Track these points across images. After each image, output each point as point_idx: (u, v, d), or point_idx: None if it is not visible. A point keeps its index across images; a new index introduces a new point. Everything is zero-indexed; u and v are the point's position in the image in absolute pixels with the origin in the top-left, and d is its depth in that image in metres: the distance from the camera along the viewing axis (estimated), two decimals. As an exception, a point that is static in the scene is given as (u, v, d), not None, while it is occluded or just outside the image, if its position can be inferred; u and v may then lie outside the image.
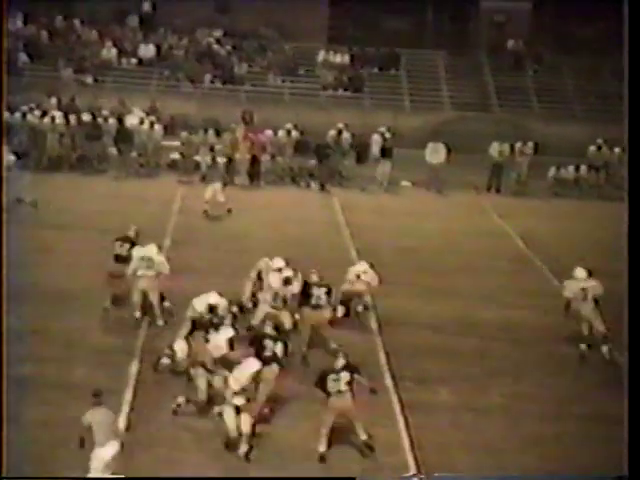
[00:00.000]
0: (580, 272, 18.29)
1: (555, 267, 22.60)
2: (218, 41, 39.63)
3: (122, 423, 13.82)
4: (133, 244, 18.65)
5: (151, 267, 17.97)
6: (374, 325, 18.62)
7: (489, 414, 15.28)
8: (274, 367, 14.89)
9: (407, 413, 15.04)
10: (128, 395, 14.97)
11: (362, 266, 18.76)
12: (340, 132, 31.71)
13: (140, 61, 38.78)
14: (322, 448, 13.79)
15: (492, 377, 16.63)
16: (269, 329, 15.63)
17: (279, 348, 15.12)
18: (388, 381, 16.23)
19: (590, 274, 18.18)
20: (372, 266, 18.61)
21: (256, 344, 15.17)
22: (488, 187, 31.55)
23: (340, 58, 39.64)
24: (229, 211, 25.76)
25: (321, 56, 39.60)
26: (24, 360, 15.58)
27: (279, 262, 17.82)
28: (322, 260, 20.39)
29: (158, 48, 39.07)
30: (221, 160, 30.63)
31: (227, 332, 15.30)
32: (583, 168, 31.86)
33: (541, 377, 16.78)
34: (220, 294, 16.14)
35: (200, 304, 16.04)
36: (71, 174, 29.22)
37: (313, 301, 17.10)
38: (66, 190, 22.81)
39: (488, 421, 15.04)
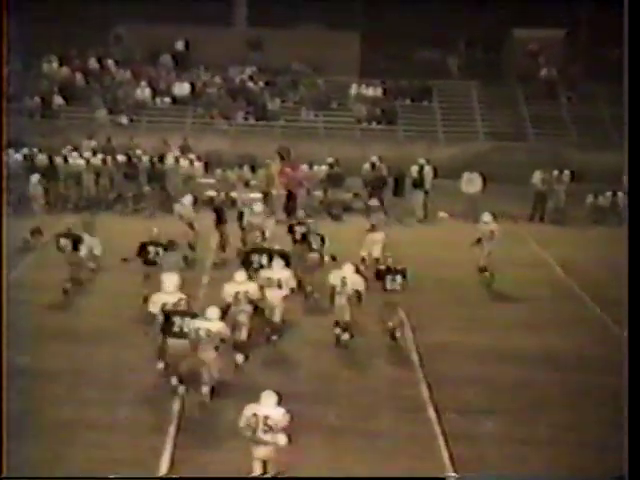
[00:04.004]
0: (487, 217, 23.67)
1: (595, 295, 22.43)
2: (251, 77, 39.88)
3: (165, 462, 13.81)
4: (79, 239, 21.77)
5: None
6: (415, 357, 18.49)
7: (535, 445, 15.08)
8: None
9: (451, 445, 14.89)
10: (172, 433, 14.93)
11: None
12: (374, 166, 31.74)
13: (174, 100, 39.08)
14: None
15: (537, 407, 16.42)
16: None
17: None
18: (431, 413, 16.08)
19: (495, 217, 23.71)
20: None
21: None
22: (531, 216, 31.42)
23: (373, 91, 39.80)
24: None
25: (354, 89, 39.77)
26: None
27: None
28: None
29: (192, 86, 39.37)
30: (257, 196, 30.66)
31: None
32: (620, 195, 31.55)
33: (586, 406, 16.56)
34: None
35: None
36: (107, 213, 29.37)
37: None
38: (101, 230, 23.02)
39: (534, 452, 14.84)
